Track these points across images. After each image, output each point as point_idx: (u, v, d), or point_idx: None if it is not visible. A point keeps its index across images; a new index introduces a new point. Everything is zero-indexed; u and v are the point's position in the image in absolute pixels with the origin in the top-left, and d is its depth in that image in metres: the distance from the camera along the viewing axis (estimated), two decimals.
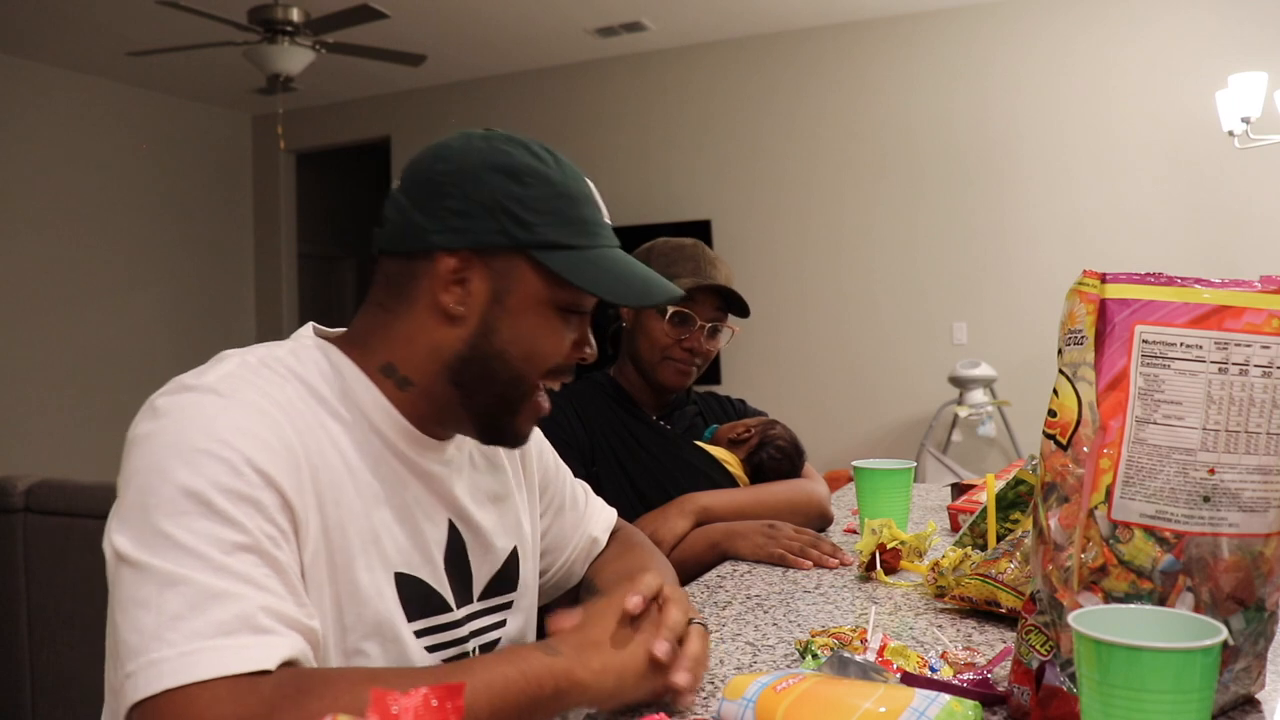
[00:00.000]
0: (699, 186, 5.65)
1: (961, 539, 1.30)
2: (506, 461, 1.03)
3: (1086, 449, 0.73)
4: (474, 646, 0.94)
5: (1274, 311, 0.72)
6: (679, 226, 4.93)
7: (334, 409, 0.84)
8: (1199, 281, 0.74)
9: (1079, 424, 0.74)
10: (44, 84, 5.64)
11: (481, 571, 0.96)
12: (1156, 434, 0.72)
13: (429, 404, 0.89)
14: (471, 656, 0.92)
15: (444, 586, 0.91)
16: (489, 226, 0.85)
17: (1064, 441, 0.75)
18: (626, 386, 1.70)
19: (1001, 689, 0.80)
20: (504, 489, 1.01)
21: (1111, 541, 0.72)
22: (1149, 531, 0.72)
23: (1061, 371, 0.76)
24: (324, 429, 0.82)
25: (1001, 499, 1.30)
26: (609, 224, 0.93)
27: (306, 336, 0.90)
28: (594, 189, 0.92)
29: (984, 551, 1.16)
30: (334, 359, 0.87)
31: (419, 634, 0.87)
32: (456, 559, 0.93)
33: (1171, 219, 4.60)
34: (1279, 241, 4.35)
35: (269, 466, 0.75)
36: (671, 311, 1.61)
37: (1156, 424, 0.72)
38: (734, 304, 1.66)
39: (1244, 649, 0.75)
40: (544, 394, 0.92)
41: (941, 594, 1.14)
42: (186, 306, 6.48)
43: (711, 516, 1.52)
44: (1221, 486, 0.72)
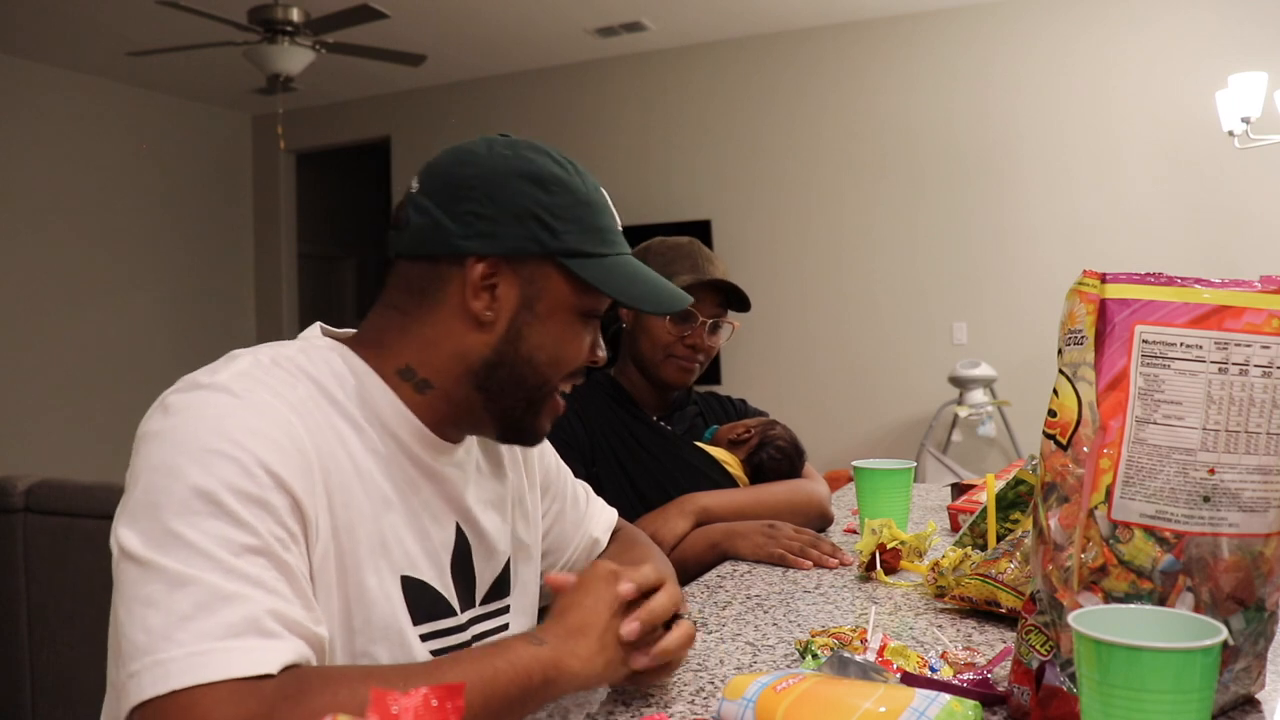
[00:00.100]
0: (699, 186, 5.65)
1: (961, 539, 1.30)
2: (509, 465, 1.03)
3: (1086, 449, 0.73)
4: None
5: (1274, 311, 0.72)
6: (679, 226, 4.92)
7: (346, 410, 0.84)
8: (1199, 281, 0.74)
9: (1079, 424, 0.74)
10: (44, 84, 5.64)
11: (485, 575, 0.96)
12: (1156, 434, 0.72)
13: (448, 407, 0.89)
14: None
15: (449, 590, 0.91)
16: (519, 233, 0.85)
17: (1064, 441, 0.75)
18: (627, 387, 1.70)
19: (1001, 689, 0.80)
20: (506, 492, 1.01)
21: (1111, 541, 0.72)
22: (1149, 531, 0.72)
23: (1061, 371, 0.76)
24: (334, 430, 0.82)
25: (1001, 499, 1.30)
26: (621, 231, 0.94)
27: (316, 337, 0.90)
28: (609, 197, 0.93)
29: (984, 551, 1.16)
30: (348, 360, 0.87)
31: (424, 638, 0.87)
32: (462, 563, 0.93)
33: (1171, 219, 4.60)
34: (1279, 241, 4.35)
35: (281, 468, 0.74)
36: None
37: (1156, 424, 0.72)
38: (734, 299, 1.67)
39: (1244, 649, 0.75)
40: (560, 394, 0.94)
41: (941, 594, 1.14)
42: (186, 306, 6.47)
43: (711, 517, 1.53)
44: (1221, 486, 0.72)
